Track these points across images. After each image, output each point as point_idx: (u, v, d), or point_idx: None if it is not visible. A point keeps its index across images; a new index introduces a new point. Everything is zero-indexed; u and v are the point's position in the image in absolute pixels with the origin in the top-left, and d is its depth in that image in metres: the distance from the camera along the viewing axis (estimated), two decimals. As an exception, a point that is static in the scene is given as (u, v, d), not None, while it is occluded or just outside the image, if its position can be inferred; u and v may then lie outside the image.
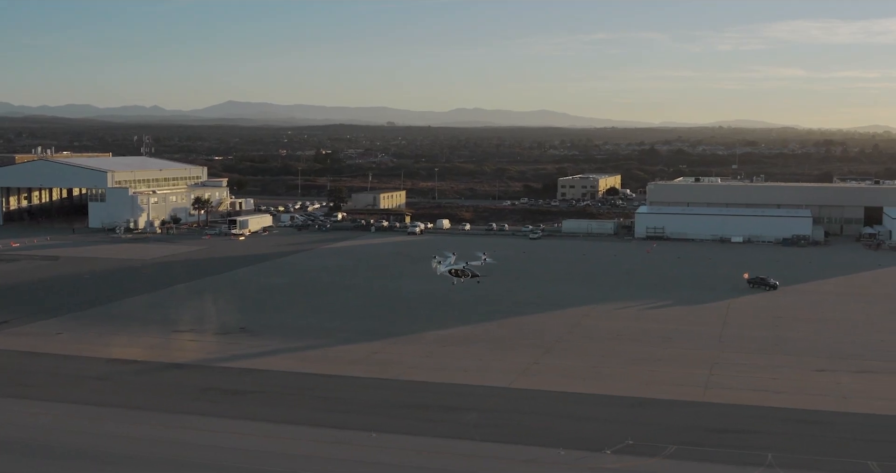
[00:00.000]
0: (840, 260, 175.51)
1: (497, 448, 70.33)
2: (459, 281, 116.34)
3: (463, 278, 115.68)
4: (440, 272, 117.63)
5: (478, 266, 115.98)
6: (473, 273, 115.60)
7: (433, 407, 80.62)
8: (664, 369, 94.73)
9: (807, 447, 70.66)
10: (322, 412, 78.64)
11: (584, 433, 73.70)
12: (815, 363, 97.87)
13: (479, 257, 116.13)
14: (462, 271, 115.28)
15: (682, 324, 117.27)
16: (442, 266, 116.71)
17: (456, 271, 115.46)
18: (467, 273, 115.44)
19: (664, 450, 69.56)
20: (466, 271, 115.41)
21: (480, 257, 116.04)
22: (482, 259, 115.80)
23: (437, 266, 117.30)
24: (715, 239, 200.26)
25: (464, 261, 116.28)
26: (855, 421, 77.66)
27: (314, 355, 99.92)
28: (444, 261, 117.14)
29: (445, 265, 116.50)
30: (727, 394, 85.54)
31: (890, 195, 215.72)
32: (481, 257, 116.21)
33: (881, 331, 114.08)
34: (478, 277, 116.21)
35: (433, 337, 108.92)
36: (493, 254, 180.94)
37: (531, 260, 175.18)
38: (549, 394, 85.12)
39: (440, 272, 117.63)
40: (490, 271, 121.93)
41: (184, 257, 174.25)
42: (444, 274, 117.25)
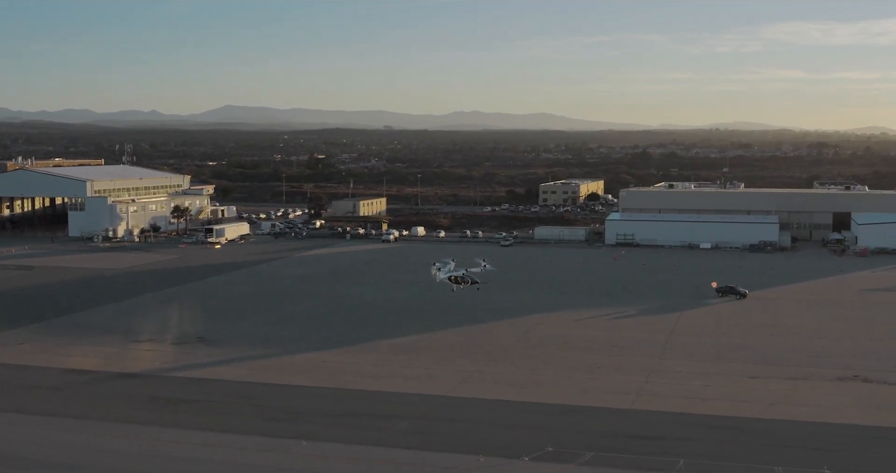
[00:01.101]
0: (803, 266, 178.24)
1: (419, 455, 73.01)
2: (459, 288, 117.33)
3: (462, 285, 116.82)
4: (440, 279, 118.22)
5: (477, 273, 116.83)
6: (473, 280, 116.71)
7: (367, 415, 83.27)
8: (602, 377, 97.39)
9: (720, 453, 73.27)
10: (258, 421, 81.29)
11: (508, 440, 76.31)
12: (752, 370, 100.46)
13: (479, 264, 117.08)
14: (462, 278, 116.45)
15: (631, 332, 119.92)
16: (441, 273, 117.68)
17: (455, 278, 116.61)
18: (467, 280, 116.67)
19: (581, 457, 72.24)
20: (466, 278, 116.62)
21: (480, 264, 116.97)
22: (482, 266, 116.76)
23: (437, 273, 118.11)
24: (684, 246, 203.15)
25: (463, 268, 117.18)
26: (773, 428, 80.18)
27: (265, 364, 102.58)
28: (443, 268, 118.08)
29: (445, 272, 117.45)
30: (656, 401, 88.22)
31: (858, 201, 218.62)
32: (481, 263, 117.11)
33: (825, 337, 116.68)
34: (477, 284, 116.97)
35: (386, 346, 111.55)
36: (460, 262, 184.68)
37: (498, 268, 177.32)
38: (483, 402, 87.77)
39: (440, 279, 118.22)
40: (489, 278, 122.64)
41: (157, 266, 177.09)
42: (444, 281, 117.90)
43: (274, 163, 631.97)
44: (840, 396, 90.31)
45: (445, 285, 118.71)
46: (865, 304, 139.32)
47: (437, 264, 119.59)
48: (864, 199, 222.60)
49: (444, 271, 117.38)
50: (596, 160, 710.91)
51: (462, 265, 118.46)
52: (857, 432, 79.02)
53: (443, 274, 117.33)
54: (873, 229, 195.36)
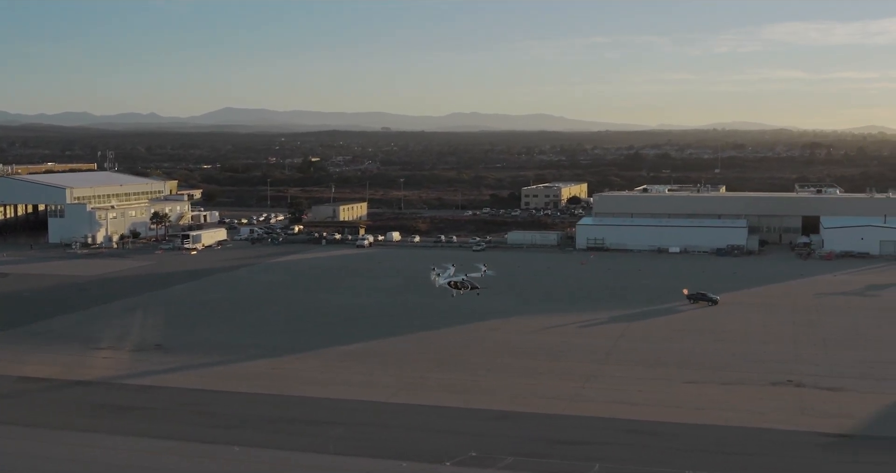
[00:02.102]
0: (766, 270, 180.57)
1: (346, 460, 75.59)
2: (458, 293, 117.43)
3: (462, 290, 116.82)
4: (439, 285, 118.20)
5: (477, 278, 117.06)
6: (473, 285, 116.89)
7: (303, 422, 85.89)
8: (542, 382, 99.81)
9: (636, 458, 75.75)
10: (196, 427, 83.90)
11: (435, 445, 78.75)
12: (690, 375, 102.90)
13: (479, 269, 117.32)
14: (461, 283, 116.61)
15: (581, 337, 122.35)
16: (441, 279, 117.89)
17: (455, 283, 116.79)
18: (466, 285, 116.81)
19: (501, 462, 74.77)
20: (466, 283, 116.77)
21: (480, 269, 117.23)
22: (482, 271, 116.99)
23: (437, 279, 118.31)
24: (653, 250, 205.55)
25: (463, 273, 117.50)
26: (694, 433, 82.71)
27: (215, 371, 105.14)
28: (442, 273, 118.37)
29: (444, 278, 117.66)
30: (588, 407, 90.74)
31: (827, 205, 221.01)
32: (481, 268, 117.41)
33: (770, 342, 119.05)
34: (477, 289, 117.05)
35: (337, 352, 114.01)
36: (426, 267, 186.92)
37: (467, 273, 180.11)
38: (419, 408, 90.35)
39: (439, 285, 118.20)
40: (490, 283, 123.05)
41: (130, 273, 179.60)
42: (444, 286, 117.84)
43: (266, 166, 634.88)
44: (769, 401, 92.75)
45: (445, 290, 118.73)
46: (818, 308, 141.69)
47: (437, 269, 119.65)
48: (833, 202, 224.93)
49: (444, 276, 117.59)
50: (589, 162, 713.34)
51: (462, 270, 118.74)
52: (775, 436, 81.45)
53: (442, 279, 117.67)
54: (839, 233, 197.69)
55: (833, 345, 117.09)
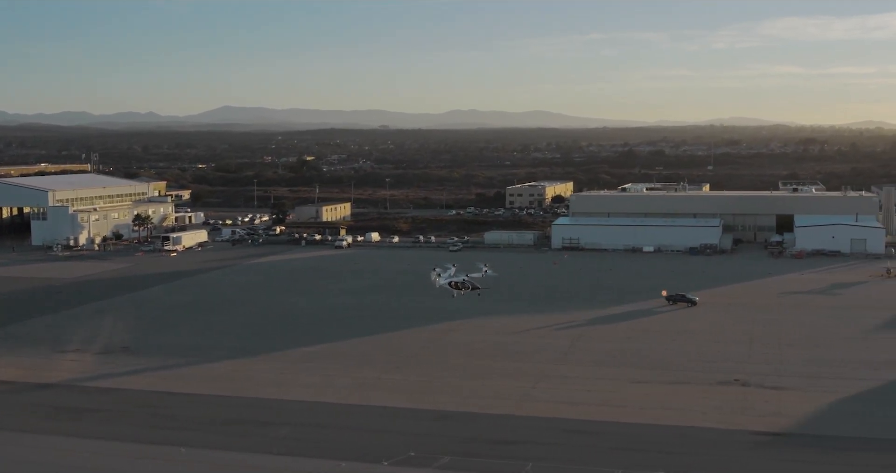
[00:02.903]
0: (736, 269, 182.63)
1: (288, 461, 77.80)
2: (459, 293, 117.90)
3: (463, 290, 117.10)
4: (440, 285, 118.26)
5: (478, 278, 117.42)
6: (474, 286, 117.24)
7: (253, 423, 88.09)
8: (493, 383, 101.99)
9: (570, 457, 77.97)
10: (147, 429, 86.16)
11: (376, 445, 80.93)
12: (640, 374, 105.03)
13: (480, 269, 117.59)
14: (462, 283, 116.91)
15: (540, 338, 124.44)
16: (441, 279, 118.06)
17: (456, 283, 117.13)
18: (467, 286, 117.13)
19: (438, 461, 77.00)
20: (467, 284, 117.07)
21: (481, 269, 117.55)
22: (483, 271, 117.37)
23: (437, 279, 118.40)
24: (627, 249, 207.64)
25: (464, 273, 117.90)
26: (632, 432, 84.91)
27: (177, 373, 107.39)
28: (443, 273, 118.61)
29: (445, 278, 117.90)
30: (535, 407, 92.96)
31: (801, 203, 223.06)
32: (482, 268, 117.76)
33: (724, 342, 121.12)
34: (478, 289, 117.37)
35: (299, 354, 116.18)
36: (401, 268, 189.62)
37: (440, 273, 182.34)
38: (368, 409, 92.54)
39: (440, 285, 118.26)
40: (491, 283, 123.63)
41: (108, 276, 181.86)
42: (444, 287, 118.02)
43: (260, 165, 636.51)
44: (711, 400, 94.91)
45: (446, 290, 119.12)
46: (779, 307, 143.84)
47: (438, 269, 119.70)
48: (807, 201, 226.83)
49: (444, 277, 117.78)
50: (583, 159, 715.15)
51: (463, 270, 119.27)
52: (709, 435, 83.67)
53: (443, 280, 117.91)
54: (811, 232, 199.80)
55: (786, 344, 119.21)
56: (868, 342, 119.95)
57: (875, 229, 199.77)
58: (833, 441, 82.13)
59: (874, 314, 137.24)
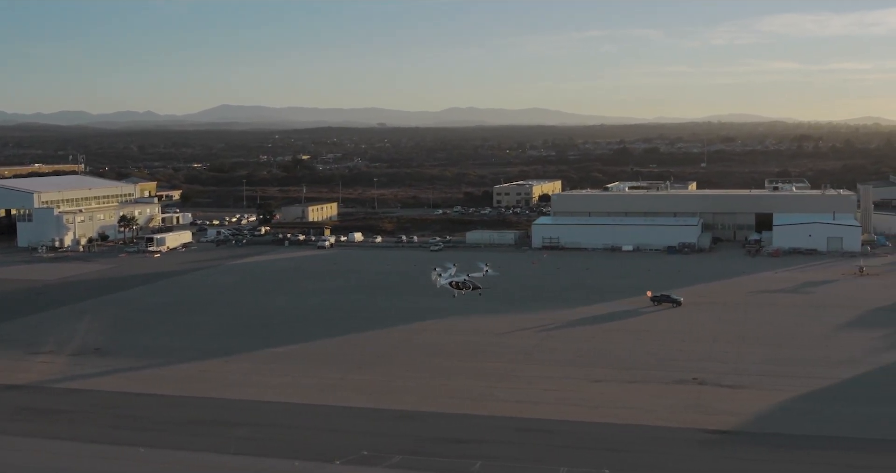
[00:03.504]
0: (711, 268, 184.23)
1: (242, 460, 79.58)
2: (460, 293, 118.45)
3: (464, 290, 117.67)
4: (440, 285, 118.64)
5: (479, 278, 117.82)
6: (475, 285, 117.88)
7: (214, 423, 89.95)
8: (455, 382, 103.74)
9: (519, 455, 79.76)
10: (111, 429, 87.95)
11: (332, 445, 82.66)
12: (599, 373, 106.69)
13: (481, 269, 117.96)
14: (463, 283, 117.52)
15: (508, 338, 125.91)
16: (442, 279, 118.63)
17: (457, 283, 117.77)
18: (468, 286, 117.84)
19: (389, 460, 78.79)
20: (468, 284, 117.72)
21: (482, 269, 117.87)
22: (484, 271, 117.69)
23: (438, 279, 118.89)
24: (607, 248, 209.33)
25: (465, 273, 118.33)
26: (585, 430, 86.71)
27: (145, 374, 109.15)
28: (444, 273, 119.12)
29: (445, 278, 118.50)
30: (493, 406, 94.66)
31: (779, 202, 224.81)
32: (483, 268, 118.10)
33: (688, 341, 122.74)
34: (479, 289, 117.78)
35: (268, 354, 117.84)
36: (381, 268, 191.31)
37: (417, 273, 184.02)
38: (330, 409, 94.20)
39: (440, 285, 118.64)
40: (492, 283, 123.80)
41: (90, 277, 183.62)
42: (445, 287, 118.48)
43: (254, 165, 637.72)
44: (666, 398, 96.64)
45: (447, 290, 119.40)
46: (747, 306, 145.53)
47: (438, 269, 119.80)
48: (785, 200, 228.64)
49: (445, 277, 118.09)
50: (577, 157, 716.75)
51: (463, 270, 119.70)
52: (659, 433, 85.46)
53: (443, 280, 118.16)
54: (788, 230, 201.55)
55: (749, 343, 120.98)
56: (830, 340, 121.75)
57: (851, 228, 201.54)
58: (779, 438, 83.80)
59: (840, 312, 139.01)
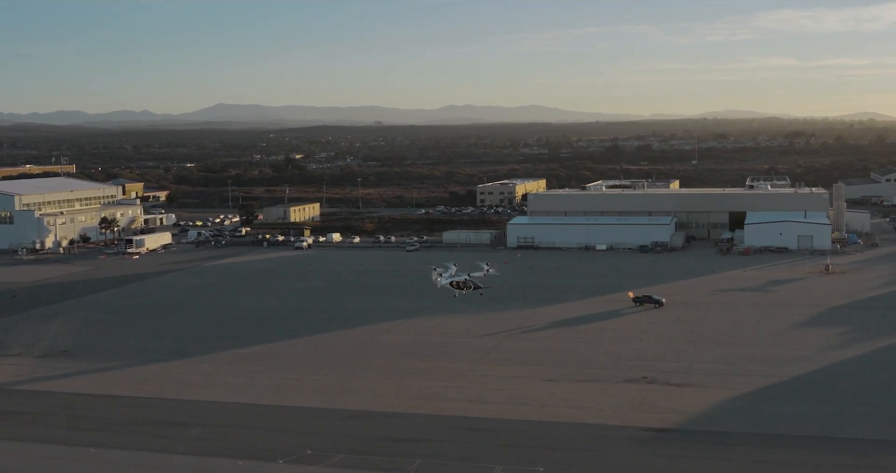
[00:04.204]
0: (681, 267, 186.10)
1: (189, 460, 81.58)
2: (461, 293, 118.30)
3: (465, 290, 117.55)
4: (441, 285, 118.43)
5: (480, 278, 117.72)
6: (476, 285, 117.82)
7: (166, 423, 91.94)
8: (410, 382, 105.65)
9: (458, 454, 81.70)
10: (65, 430, 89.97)
11: (280, 444, 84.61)
12: (553, 373, 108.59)
13: (482, 268, 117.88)
14: (464, 283, 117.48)
15: (468, 337, 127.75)
16: (442, 279, 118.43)
17: (457, 283, 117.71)
18: (469, 285, 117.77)
19: (331, 459, 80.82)
20: (469, 283, 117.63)
21: (483, 268, 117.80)
22: (485, 270, 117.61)
23: (438, 279, 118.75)
24: (581, 247, 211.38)
25: (466, 272, 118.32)
26: (529, 429, 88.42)
27: (108, 375, 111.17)
28: (444, 273, 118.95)
29: (446, 278, 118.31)
30: (443, 405, 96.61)
31: (752, 200, 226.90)
32: (484, 267, 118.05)
33: (645, 340, 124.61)
34: (480, 289, 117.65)
35: (230, 356, 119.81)
36: (355, 268, 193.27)
37: (389, 274, 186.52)
38: (281, 409, 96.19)
39: (441, 285, 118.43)
40: (493, 282, 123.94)
41: (67, 279, 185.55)
42: (445, 286, 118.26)
43: (246, 164, 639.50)
44: (613, 397, 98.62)
45: (447, 290, 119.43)
46: (709, 305, 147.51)
47: (438, 269, 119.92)
48: (759, 198, 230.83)
49: (445, 277, 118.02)
50: (569, 155, 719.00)
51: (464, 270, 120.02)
52: (600, 431, 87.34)
53: (444, 279, 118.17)
54: (759, 229, 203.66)
55: (704, 342, 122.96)
56: (783, 338, 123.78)
57: (822, 226, 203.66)
58: (715, 436, 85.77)
59: (799, 310, 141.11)
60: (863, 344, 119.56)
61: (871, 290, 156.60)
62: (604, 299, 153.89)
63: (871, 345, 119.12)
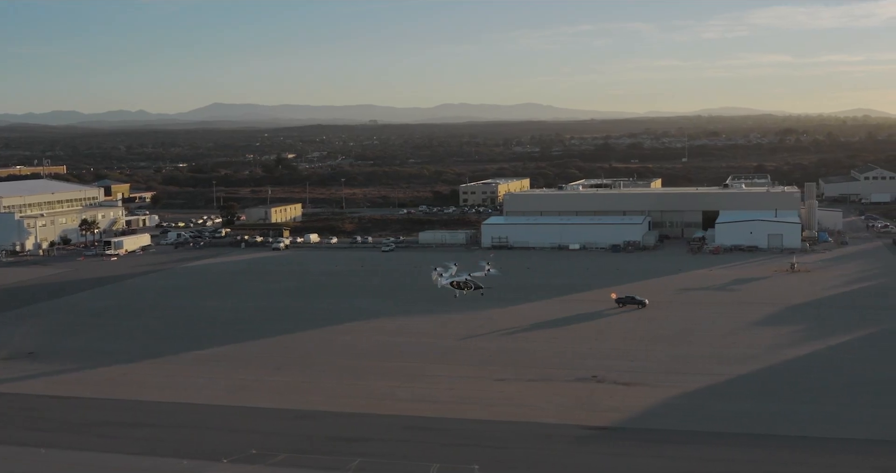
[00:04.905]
0: (651, 266, 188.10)
1: (136, 459, 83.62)
2: (462, 293, 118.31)
3: (466, 290, 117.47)
4: (441, 285, 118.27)
5: (481, 277, 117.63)
6: (477, 285, 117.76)
7: (120, 424, 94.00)
8: (365, 383, 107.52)
9: (401, 452, 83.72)
10: (21, 431, 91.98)
11: (228, 444, 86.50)
12: (505, 373, 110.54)
13: (483, 268, 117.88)
14: (465, 282, 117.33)
15: (428, 338, 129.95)
16: (443, 279, 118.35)
17: (458, 283, 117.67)
18: (470, 285, 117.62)
19: (274, 458, 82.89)
20: (469, 283, 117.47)
21: (484, 268, 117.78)
22: (486, 270, 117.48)
23: (438, 279, 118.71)
24: (554, 247, 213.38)
25: (466, 272, 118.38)
26: (472, 428, 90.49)
27: (69, 377, 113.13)
28: (444, 273, 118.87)
29: (446, 278, 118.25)
30: (392, 405, 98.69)
31: (725, 199, 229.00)
32: (485, 267, 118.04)
33: (602, 339, 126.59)
34: (481, 288, 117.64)
35: (192, 357, 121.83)
36: (329, 269, 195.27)
37: (362, 274, 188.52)
38: (233, 409, 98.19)
39: (441, 285, 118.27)
40: (494, 282, 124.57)
41: (43, 281, 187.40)
42: (446, 286, 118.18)
43: (237, 164, 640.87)
44: (561, 396, 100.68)
45: (448, 290, 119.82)
46: (671, 303, 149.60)
47: (439, 268, 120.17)
48: (731, 197, 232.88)
49: (446, 277, 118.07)
50: (559, 153, 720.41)
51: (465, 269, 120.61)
52: (541, 429, 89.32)
53: (444, 279, 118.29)
54: (729, 228, 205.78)
55: (660, 341, 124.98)
56: (736, 337, 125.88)
57: (791, 225, 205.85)
58: (653, 434, 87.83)
59: (757, 309, 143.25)
60: (813, 343, 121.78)
61: (831, 289, 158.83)
62: (570, 298, 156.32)
63: (822, 344, 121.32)
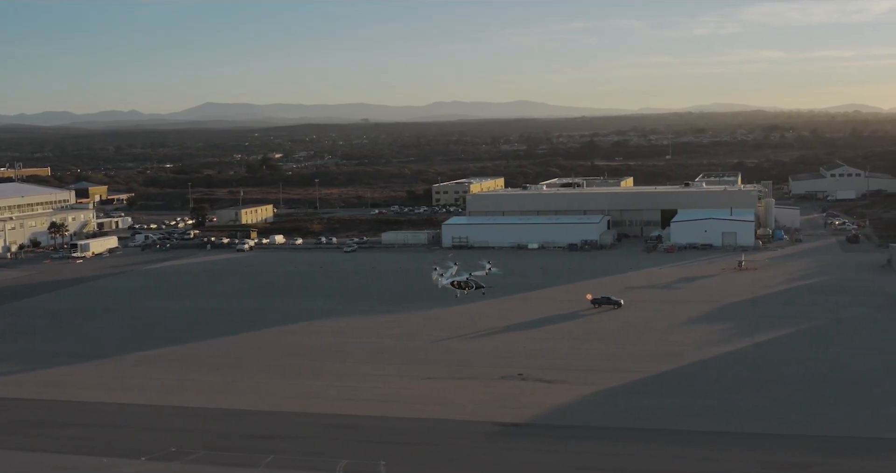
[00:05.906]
0: (605, 265, 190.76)
1: (59, 458, 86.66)
2: (463, 293, 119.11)
3: (466, 289, 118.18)
4: (441, 285, 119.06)
5: (481, 277, 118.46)
6: (478, 285, 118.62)
7: (51, 424, 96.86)
8: (296, 382, 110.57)
9: (313, 450, 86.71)
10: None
11: (147, 442, 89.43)
12: (435, 371, 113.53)
13: (484, 267, 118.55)
14: (466, 282, 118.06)
15: (368, 338, 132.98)
16: (443, 279, 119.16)
17: (459, 282, 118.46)
18: (471, 285, 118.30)
19: (192, 456, 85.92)
20: (470, 283, 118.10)
21: (485, 267, 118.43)
22: (486, 269, 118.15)
23: (438, 279, 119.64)
24: (514, 246, 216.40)
25: (467, 272, 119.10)
26: (388, 425, 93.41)
27: (13, 379, 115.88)
28: (445, 272, 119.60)
29: (447, 278, 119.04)
30: (315, 403, 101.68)
31: (683, 198, 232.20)
32: (486, 266, 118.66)
33: (540, 338, 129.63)
34: (482, 288, 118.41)
35: (136, 358, 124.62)
36: (288, 270, 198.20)
37: (319, 275, 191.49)
38: (161, 409, 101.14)
39: (441, 285, 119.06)
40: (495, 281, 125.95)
41: (6, 284, 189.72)
42: (446, 286, 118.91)
43: (222, 164, 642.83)
44: (482, 394, 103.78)
45: (448, 290, 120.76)
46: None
47: (439, 268, 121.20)
48: (689, 196, 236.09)
49: (446, 276, 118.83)
50: (545, 151, 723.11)
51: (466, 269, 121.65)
52: (456, 426, 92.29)
53: (444, 279, 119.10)
54: (684, 226, 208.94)
55: (593, 339, 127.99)
56: (669, 335, 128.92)
57: (745, 223, 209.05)
58: (563, 430, 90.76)
59: (695, 307, 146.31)
60: (741, 340, 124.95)
61: (771, 286, 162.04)
62: (517, 297, 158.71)
63: (749, 341, 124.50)
